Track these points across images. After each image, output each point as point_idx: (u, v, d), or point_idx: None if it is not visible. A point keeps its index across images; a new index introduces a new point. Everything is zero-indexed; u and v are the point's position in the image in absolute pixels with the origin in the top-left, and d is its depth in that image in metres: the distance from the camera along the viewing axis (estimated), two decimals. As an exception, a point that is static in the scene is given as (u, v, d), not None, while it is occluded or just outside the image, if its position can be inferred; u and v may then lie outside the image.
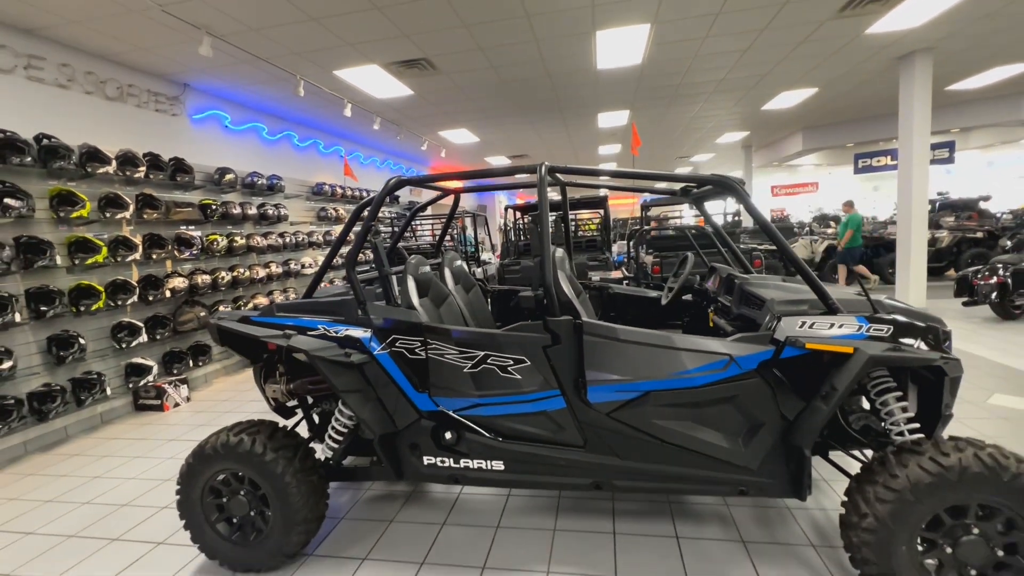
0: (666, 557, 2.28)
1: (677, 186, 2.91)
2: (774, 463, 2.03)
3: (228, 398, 5.22)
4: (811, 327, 1.96)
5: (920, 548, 1.76)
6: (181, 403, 5.06)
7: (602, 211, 7.58)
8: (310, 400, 2.75)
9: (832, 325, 1.95)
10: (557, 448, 2.18)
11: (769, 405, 1.97)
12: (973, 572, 1.71)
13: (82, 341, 4.30)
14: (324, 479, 2.40)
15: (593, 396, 2.06)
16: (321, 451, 2.48)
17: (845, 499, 1.89)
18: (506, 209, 7.54)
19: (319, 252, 8.09)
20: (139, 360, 4.90)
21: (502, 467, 2.25)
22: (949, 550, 1.73)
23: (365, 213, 2.48)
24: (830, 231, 11.83)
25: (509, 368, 2.13)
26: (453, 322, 2.63)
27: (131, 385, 4.83)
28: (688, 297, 3.16)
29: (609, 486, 2.16)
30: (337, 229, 8.64)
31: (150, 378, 4.89)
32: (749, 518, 2.54)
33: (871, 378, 2.06)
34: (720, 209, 10.52)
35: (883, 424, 2.04)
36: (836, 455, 2.85)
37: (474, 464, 2.27)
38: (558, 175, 2.69)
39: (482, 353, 2.16)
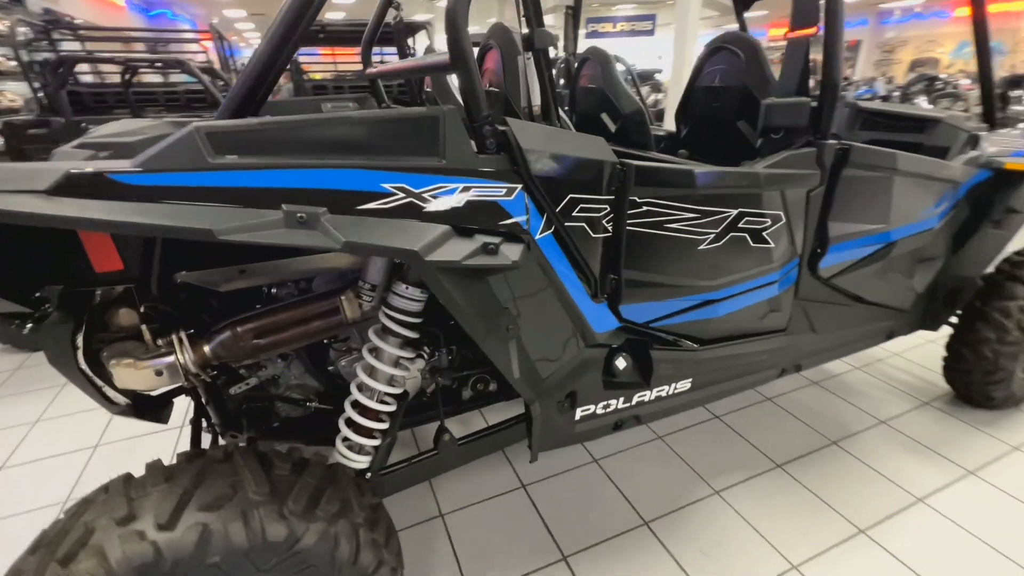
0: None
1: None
2: (925, 299, 1.87)
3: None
4: None
5: None
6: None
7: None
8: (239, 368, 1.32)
9: None
10: (757, 340, 1.56)
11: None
12: None
13: None
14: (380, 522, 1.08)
15: (829, 259, 1.52)
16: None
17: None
18: None
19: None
20: None
21: (688, 386, 1.52)
22: None
23: None
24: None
25: (764, 232, 1.38)
26: None
27: None
28: None
29: (793, 370, 1.72)
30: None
31: None
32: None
33: None
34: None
35: None
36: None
37: (652, 395, 1.52)
38: None
39: (735, 212, 1.30)
